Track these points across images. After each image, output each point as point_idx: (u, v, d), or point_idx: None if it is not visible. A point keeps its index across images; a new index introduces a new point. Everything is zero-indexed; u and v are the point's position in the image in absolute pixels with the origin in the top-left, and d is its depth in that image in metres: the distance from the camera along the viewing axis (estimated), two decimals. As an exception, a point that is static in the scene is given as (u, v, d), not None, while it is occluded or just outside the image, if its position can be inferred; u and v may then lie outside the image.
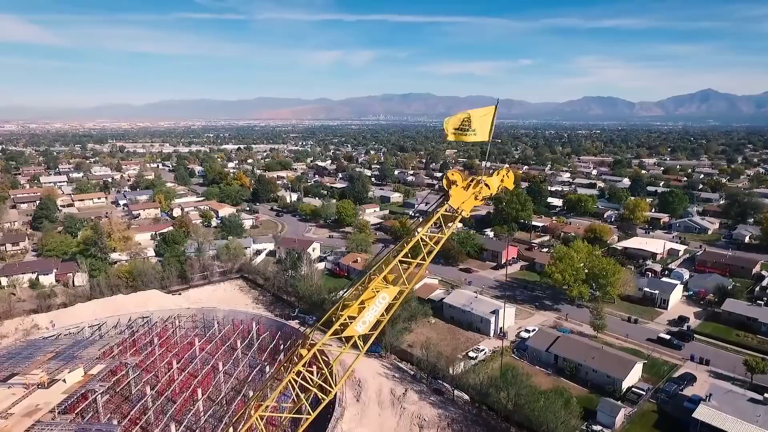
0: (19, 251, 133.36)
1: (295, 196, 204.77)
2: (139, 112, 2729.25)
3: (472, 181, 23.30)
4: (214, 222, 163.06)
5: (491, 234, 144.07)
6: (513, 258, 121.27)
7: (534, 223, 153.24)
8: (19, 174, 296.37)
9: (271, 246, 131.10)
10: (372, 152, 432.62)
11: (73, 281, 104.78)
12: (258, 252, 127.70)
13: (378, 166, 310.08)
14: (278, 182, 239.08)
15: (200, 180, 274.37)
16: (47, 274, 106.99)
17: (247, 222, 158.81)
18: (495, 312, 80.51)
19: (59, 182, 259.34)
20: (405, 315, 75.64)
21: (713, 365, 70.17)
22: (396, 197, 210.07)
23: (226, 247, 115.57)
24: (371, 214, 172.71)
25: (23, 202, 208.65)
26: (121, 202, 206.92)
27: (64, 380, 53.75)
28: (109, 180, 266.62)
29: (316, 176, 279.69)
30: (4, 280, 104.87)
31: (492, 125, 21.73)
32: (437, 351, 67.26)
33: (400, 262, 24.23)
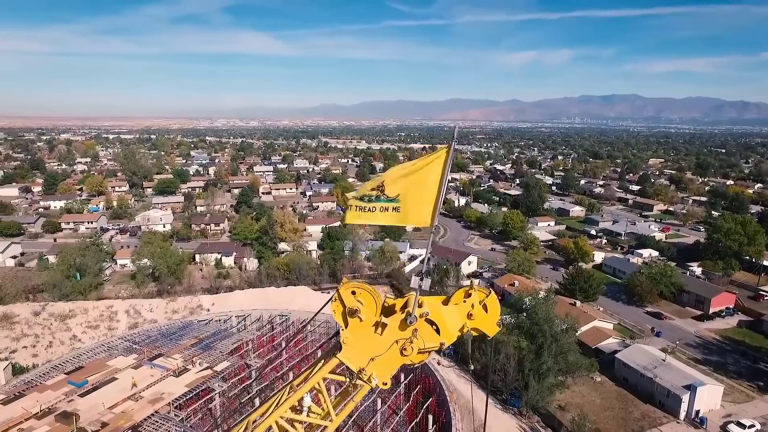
0: (219, 231, 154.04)
1: (463, 201, 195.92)
2: (346, 112, 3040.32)
3: (403, 310, 10.68)
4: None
5: (698, 271, 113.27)
6: (728, 308, 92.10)
7: (766, 263, 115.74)
8: (243, 162, 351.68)
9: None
10: (559, 157, 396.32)
11: (245, 266, 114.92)
12: (412, 258, 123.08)
13: (562, 173, 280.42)
14: (450, 184, 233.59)
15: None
16: (228, 256, 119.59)
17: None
18: (691, 387, 59.50)
19: (266, 172, 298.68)
20: (559, 366, 60.94)
21: None
22: (577, 211, 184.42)
23: (380, 250, 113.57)
24: (543, 229, 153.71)
25: (236, 188, 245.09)
26: (308, 194, 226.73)
27: (191, 371, 55.51)
28: (304, 172, 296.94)
29: (491, 180, 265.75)
30: (198, 257, 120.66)
31: (443, 183, 9.70)
32: (596, 425, 51.69)
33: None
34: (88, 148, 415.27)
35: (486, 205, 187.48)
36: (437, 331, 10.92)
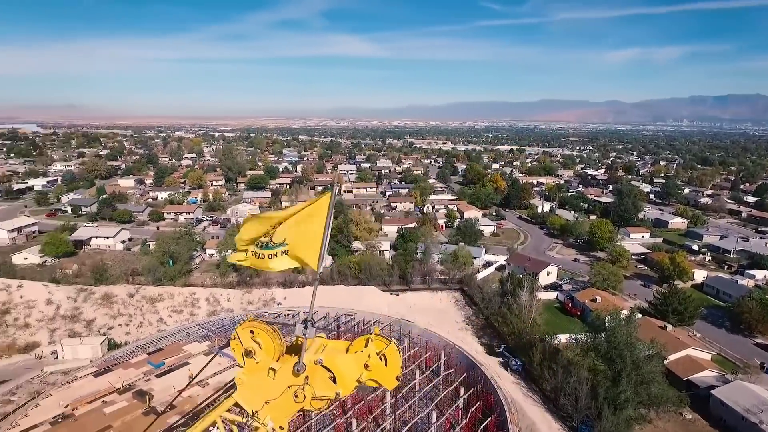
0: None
1: (547, 206, 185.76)
2: (434, 112, 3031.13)
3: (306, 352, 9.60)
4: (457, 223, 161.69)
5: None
6: None
7: None
8: (329, 161, 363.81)
9: (503, 260, 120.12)
10: (661, 163, 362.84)
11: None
12: (487, 264, 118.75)
13: (662, 180, 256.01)
14: (535, 188, 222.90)
15: (461, 179, 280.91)
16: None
17: (488, 229, 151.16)
18: (804, 438, 50.71)
19: (349, 170, 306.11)
20: (640, 397, 54.89)
21: None
22: (677, 222, 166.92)
23: (453, 254, 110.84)
24: (636, 241, 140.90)
25: (319, 185, 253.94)
26: (387, 193, 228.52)
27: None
28: (386, 172, 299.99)
29: (580, 186, 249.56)
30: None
31: (327, 227, 8.62)
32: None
33: None
34: (195, 144, 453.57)
35: (572, 212, 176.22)
36: (334, 379, 9.85)
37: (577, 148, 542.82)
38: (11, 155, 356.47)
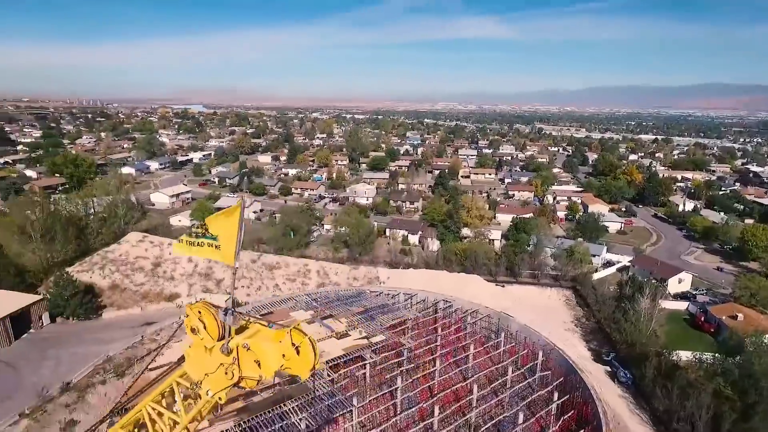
0: (413, 209, 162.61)
1: (690, 205, 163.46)
2: (569, 98, 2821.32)
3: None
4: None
5: None
6: None
7: None
8: (450, 145, 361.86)
9: (627, 260, 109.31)
10: None
11: (427, 246, 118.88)
12: (608, 264, 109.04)
13: None
14: (678, 184, 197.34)
15: (590, 169, 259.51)
16: (414, 234, 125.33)
17: (614, 225, 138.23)
18: None
19: (470, 155, 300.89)
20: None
21: None
22: None
23: (569, 250, 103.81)
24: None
25: (437, 169, 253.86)
26: (506, 181, 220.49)
27: (350, 337, 60.57)
28: (507, 158, 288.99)
29: (737, 183, 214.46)
30: (388, 231, 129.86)
31: (239, 230, 11.28)
32: None
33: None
34: (327, 126, 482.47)
35: (721, 213, 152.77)
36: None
37: (741, 140, 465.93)
38: (180, 131, 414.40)
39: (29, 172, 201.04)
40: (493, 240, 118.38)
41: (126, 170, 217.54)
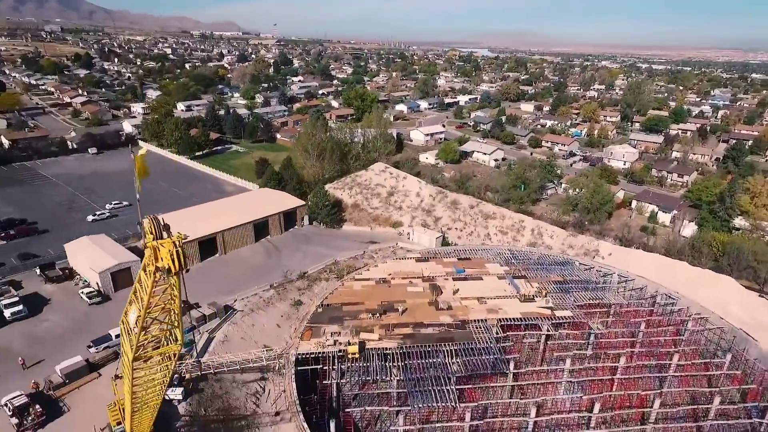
0: (678, 183, 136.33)
1: None
2: None
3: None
4: None
5: None
6: None
7: None
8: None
9: None
10: None
11: (680, 229, 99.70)
12: None
13: None
14: None
15: None
16: (667, 212, 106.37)
17: None
18: None
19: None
20: None
21: None
22: None
23: None
24: None
25: (737, 139, 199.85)
26: None
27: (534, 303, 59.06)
28: None
29: None
30: (634, 203, 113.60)
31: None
32: None
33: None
34: (611, 76, 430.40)
35: None
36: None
37: None
38: (458, 74, 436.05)
39: (334, 103, 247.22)
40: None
41: (400, 107, 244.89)
